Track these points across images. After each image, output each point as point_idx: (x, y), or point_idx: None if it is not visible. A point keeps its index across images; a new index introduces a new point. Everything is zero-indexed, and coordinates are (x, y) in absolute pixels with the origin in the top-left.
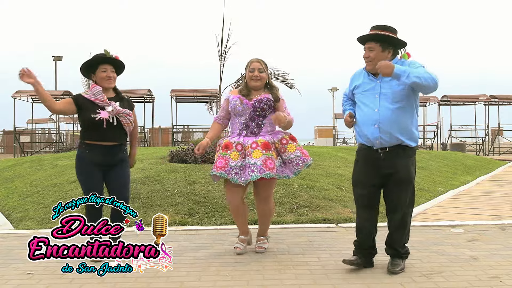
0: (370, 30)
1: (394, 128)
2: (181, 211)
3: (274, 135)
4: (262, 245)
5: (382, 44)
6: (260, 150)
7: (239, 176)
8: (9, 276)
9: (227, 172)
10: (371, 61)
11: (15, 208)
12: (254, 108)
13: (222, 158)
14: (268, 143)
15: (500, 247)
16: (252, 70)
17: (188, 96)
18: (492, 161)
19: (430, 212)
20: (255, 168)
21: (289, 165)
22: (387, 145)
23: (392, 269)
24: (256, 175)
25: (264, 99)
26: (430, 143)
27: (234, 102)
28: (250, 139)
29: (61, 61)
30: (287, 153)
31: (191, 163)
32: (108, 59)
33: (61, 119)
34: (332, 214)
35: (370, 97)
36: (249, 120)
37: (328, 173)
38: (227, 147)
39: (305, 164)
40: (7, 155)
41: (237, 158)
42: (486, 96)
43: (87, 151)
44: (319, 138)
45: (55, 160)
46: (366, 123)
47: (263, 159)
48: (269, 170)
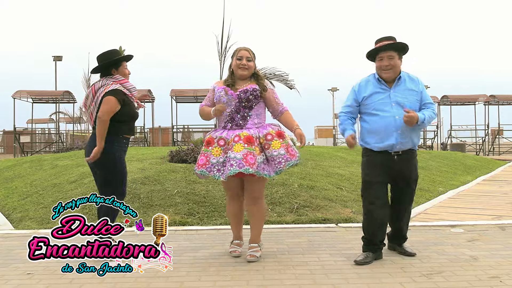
0: (379, 42)
1: (412, 134)
2: (181, 211)
3: (261, 129)
4: (254, 253)
5: (399, 53)
6: (242, 144)
7: (222, 172)
8: (9, 276)
9: (208, 169)
10: (392, 68)
11: (15, 208)
12: (239, 99)
13: (204, 155)
14: (252, 137)
15: (500, 247)
16: (240, 58)
17: (188, 96)
18: (492, 161)
19: (430, 212)
20: (234, 162)
21: (272, 163)
22: (403, 149)
23: (410, 252)
24: (235, 170)
25: (250, 89)
26: (430, 143)
27: (218, 93)
28: (234, 132)
29: (61, 61)
30: (270, 150)
31: (191, 163)
32: (130, 57)
33: (61, 119)
34: (332, 214)
35: (388, 105)
36: (234, 112)
37: (328, 173)
38: (209, 143)
39: (288, 163)
40: (7, 155)
41: (219, 154)
42: (486, 96)
43: (126, 145)
44: (319, 138)
45: (55, 160)
46: (387, 130)
47: (244, 153)
48: (249, 165)
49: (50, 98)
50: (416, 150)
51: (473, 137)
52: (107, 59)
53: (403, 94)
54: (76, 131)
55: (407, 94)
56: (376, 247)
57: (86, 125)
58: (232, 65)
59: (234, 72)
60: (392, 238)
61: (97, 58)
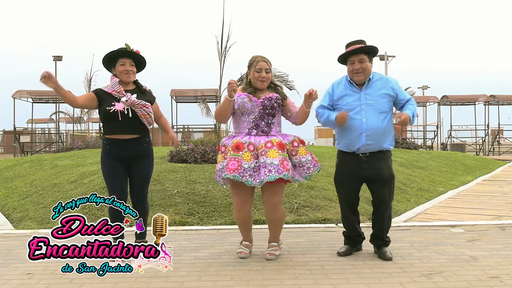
0: (350, 46)
1: (380, 136)
2: (181, 211)
3: (285, 137)
4: (273, 252)
5: (369, 56)
6: (276, 150)
7: (254, 178)
8: (9, 276)
9: (241, 174)
10: (363, 72)
11: (15, 208)
12: (263, 106)
13: (234, 159)
14: (283, 143)
15: (500, 247)
16: (259, 70)
17: (188, 96)
18: (492, 161)
19: (430, 212)
20: (272, 168)
21: (299, 169)
22: (370, 150)
23: (387, 256)
24: (274, 175)
25: (273, 97)
26: (430, 143)
27: (241, 99)
28: (261, 138)
29: (61, 61)
30: (298, 156)
31: (191, 163)
32: (127, 53)
33: (61, 119)
34: (332, 214)
35: (357, 107)
36: (258, 119)
37: (328, 173)
38: (238, 148)
39: (316, 168)
40: (7, 155)
41: (250, 159)
42: (486, 96)
43: (107, 146)
44: (319, 138)
45: (55, 160)
46: (353, 131)
47: (280, 159)
48: (286, 171)
49: (50, 98)
50: (390, 151)
51: (473, 137)
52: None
53: (374, 97)
54: (76, 131)
55: (378, 97)
56: (354, 241)
57: (86, 125)
58: (249, 75)
59: (253, 83)
60: (372, 239)
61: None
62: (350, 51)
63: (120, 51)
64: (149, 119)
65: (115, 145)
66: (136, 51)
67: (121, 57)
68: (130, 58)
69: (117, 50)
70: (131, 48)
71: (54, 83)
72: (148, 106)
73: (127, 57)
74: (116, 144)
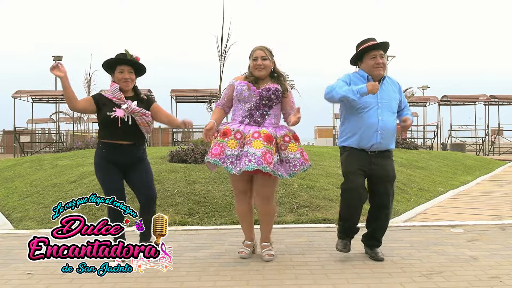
0: (366, 42)
1: (390, 136)
2: (181, 211)
3: (278, 130)
4: (270, 252)
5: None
6: (262, 141)
7: (235, 165)
8: (9, 276)
9: (222, 160)
10: (383, 66)
11: (15, 208)
12: (260, 96)
13: (218, 145)
14: (271, 136)
15: (500, 247)
16: (255, 58)
17: (188, 96)
18: (492, 161)
19: (430, 212)
20: (253, 158)
21: (286, 165)
22: (380, 149)
23: (379, 257)
24: (253, 166)
25: (272, 88)
26: (430, 143)
27: (241, 87)
28: (252, 128)
29: (61, 61)
30: (286, 152)
31: (191, 163)
32: (125, 61)
33: (61, 119)
34: (332, 214)
35: (373, 105)
36: (253, 108)
37: (328, 173)
38: (225, 134)
39: (302, 167)
40: (7, 155)
41: (235, 147)
42: (486, 96)
43: (103, 150)
44: (319, 138)
45: (55, 160)
46: (369, 128)
47: (263, 151)
48: (267, 164)
49: (50, 98)
50: (392, 150)
51: (473, 137)
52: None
53: (388, 97)
54: (76, 131)
55: (391, 98)
56: (353, 233)
57: (86, 125)
58: (249, 66)
59: (252, 73)
60: (366, 239)
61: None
62: (373, 45)
63: (118, 59)
64: (147, 128)
65: (111, 149)
66: (136, 57)
67: (119, 65)
68: (129, 65)
69: (116, 58)
70: (131, 55)
71: (64, 73)
72: (148, 115)
73: (125, 65)
74: (112, 149)
